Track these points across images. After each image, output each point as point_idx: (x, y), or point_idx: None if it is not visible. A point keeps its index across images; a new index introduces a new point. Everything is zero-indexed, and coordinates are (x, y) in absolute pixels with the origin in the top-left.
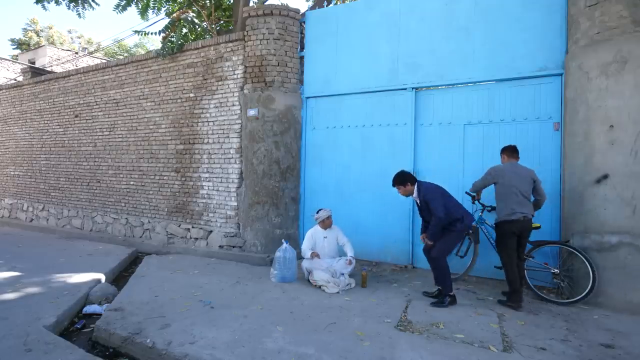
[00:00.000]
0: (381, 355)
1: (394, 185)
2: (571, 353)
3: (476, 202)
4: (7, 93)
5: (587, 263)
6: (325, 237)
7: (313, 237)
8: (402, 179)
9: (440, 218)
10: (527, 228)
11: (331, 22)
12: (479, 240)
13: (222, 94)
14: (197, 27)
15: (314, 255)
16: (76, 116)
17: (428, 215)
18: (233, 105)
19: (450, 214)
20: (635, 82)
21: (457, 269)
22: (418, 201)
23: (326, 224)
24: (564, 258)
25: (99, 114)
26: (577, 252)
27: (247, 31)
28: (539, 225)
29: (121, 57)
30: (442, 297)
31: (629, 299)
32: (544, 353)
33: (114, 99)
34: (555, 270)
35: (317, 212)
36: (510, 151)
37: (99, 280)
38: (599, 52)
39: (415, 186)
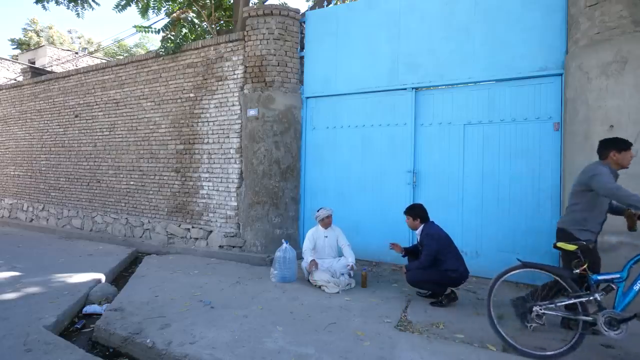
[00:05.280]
0: (381, 355)
1: (405, 213)
2: (571, 353)
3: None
4: (7, 93)
5: None
6: (326, 237)
7: (313, 237)
8: (415, 213)
9: (424, 265)
10: None
11: (331, 22)
12: None
13: (222, 94)
14: (197, 27)
15: (313, 264)
16: (76, 116)
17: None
18: (233, 105)
19: (444, 263)
20: (635, 82)
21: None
22: (418, 238)
23: (326, 222)
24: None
25: (99, 114)
26: None
27: (247, 31)
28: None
29: (121, 57)
30: (438, 297)
31: None
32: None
33: (114, 99)
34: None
35: (318, 211)
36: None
37: (99, 280)
38: (599, 52)
39: (422, 226)
